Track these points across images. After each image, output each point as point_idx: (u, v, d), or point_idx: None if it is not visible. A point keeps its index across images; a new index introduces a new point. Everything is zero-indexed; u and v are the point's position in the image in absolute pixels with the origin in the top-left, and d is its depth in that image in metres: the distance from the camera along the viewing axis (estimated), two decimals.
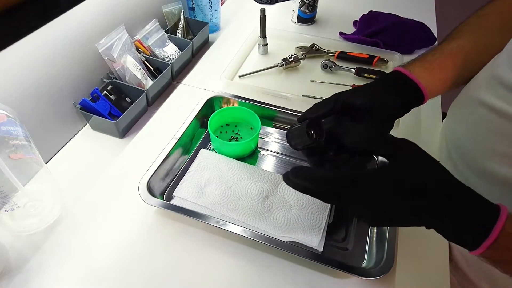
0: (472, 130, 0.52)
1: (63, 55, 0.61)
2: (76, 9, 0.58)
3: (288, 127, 0.71)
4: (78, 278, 0.49)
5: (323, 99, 0.47)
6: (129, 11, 0.76)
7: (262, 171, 0.61)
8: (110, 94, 0.69)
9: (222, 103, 0.73)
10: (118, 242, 0.53)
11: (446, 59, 0.51)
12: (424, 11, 1.06)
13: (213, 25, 0.96)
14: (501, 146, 0.47)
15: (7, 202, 0.48)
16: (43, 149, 0.54)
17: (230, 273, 0.50)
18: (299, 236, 0.53)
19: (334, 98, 0.46)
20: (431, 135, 0.68)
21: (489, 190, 0.45)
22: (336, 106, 0.45)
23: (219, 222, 0.52)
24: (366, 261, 0.51)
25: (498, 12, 0.55)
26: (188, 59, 0.86)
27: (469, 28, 0.55)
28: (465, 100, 0.56)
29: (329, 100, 0.46)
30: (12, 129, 0.44)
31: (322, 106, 0.46)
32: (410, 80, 0.48)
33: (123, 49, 0.71)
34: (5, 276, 0.48)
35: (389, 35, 0.92)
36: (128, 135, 0.69)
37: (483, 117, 0.49)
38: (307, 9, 0.98)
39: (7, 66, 0.52)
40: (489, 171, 0.49)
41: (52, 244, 0.52)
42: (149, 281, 0.49)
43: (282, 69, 0.84)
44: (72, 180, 0.60)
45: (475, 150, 0.51)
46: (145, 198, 0.54)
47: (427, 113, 0.73)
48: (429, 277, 0.50)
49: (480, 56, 0.53)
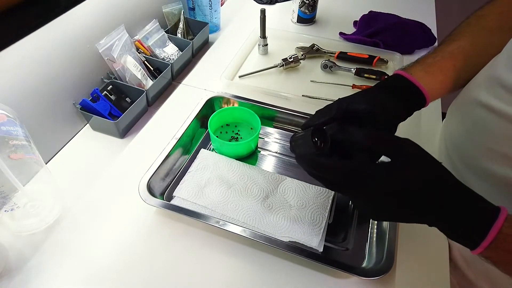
0: (471, 131, 0.52)
1: (63, 55, 0.61)
2: (76, 9, 0.58)
3: (288, 127, 0.72)
4: (78, 278, 0.49)
5: (325, 106, 0.46)
6: (129, 11, 0.76)
7: (262, 171, 0.61)
8: (110, 94, 0.69)
9: (222, 103, 0.73)
10: (118, 242, 0.53)
11: (447, 61, 0.51)
12: (424, 11, 1.06)
13: (213, 25, 0.96)
14: (500, 146, 0.47)
15: (7, 202, 0.48)
16: (43, 149, 0.54)
17: (230, 273, 0.50)
18: (299, 236, 0.53)
19: (336, 104, 0.45)
20: (431, 135, 0.68)
21: (488, 191, 0.45)
22: (338, 112, 0.44)
23: (219, 222, 0.52)
24: (366, 261, 0.51)
25: (498, 12, 0.55)
26: (188, 59, 0.86)
27: (468, 29, 0.55)
28: (464, 100, 0.56)
29: (331, 107, 0.45)
30: (12, 129, 0.44)
31: (324, 112, 0.46)
32: (411, 84, 0.47)
33: (123, 49, 0.71)
34: (5, 276, 0.48)
35: (389, 35, 0.92)
36: (128, 135, 0.69)
37: (482, 118, 0.49)
38: (307, 9, 0.98)
39: (7, 66, 0.52)
40: (488, 171, 0.49)
41: (52, 244, 0.52)
42: (149, 281, 0.49)
43: (282, 69, 0.84)
44: (72, 180, 0.60)
45: (474, 150, 0.51)
46: (145, 198, 0.54)
47: (427, 113, 0.73)
48: (429, 277, 0.50)
49: (480, 57, 0.53)
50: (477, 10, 0.56)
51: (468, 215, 0.34)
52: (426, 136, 0.68)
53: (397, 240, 0.52)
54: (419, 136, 0.68)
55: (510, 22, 0.53)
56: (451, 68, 0.51)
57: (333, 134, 0.43)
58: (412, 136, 0.52)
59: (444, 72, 0.51)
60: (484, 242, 0.33)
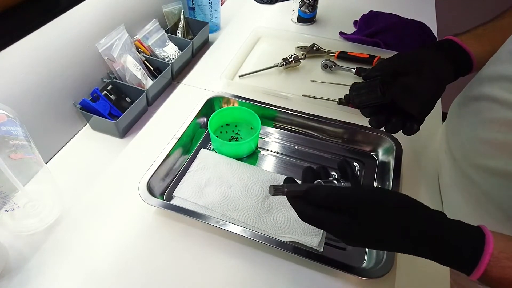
0: (475, 125, 0.51)
1: (63, 55, 0.61)
2: (76, 9, 0.58)
3: (288, 127, 0.71)
4: (78, 278, 0.49)
5: (386, 59, 0.49)
6: (129, 11, 0.76)
7: (262, 171, 0.61)
8: (110, 94, 0.69)
9: (222, 103, 0.73)
10: (118, 242, 0.53)
11: (497, 33, 0.52)
12: (424, 11, 1.06)
13: (213, 25, 0.96)
14: (504, 135, 0.46)
15: (7, 202, 0.48)
16: (43, 149, 0.54)
17: (230, 273, 0.50)
18: (299, 236, 0.53)
19: (397, 58, 0.48)
20: (431, 135, 0.68)
21: (492, 188, 0.45)
22: (393, 67, 0.47)
23: (219, 222, 0.52)
24: (366, 262, 0.51)
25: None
26: (188, 59, 0.86)
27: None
28: (467, 97, 0.55)
29: (392, 58, 0.48)
30: (12, 129, 0.44)
31: (383, 65, 0.48)
32: (461, 48, 0.49)
33: (123, 49, 0.71)
34: (5, 276, 0.48)
35: (389, 35, 0.92)
36: (128, 135, 0.69)
37: (487, 109, 0.49)
38: (307, 9, 0.98)
39: (7, 66, 0.52)
40: (493, 168, 0.48)
41: (52, 244, 0.52)
42: (149, 281, 0.49)
43: (282, 69, 0.84)
44: (72, 180, 0.60)
45: (479, 146, 0.50)
46: (145, 198, 0.54)
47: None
48: (429, 278, 0.50)
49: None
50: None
51: (453, 256, 0.35)
52: (426, 136, 0.68)
53: None
54: (419, 136, 0.68)
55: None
56: (500, 41, 0.51)
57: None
58: (412, 137, 0.52)
59: (492, 44, 0.51)
60: (473, 276, 0.34)
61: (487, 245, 0.33)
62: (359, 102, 0.49)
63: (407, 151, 0.63)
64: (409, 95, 0.46)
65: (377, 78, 0.46)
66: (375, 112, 0.49)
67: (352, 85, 0.50)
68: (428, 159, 0.65)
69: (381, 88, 0.46)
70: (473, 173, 0.50)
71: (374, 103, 0.48)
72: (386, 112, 0.48)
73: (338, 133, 0.68)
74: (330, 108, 0.72)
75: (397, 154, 0.62)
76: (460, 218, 0.36)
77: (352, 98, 0.49)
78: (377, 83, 0.46)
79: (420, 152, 0.66)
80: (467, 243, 0.34)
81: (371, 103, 0.48)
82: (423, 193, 0.61)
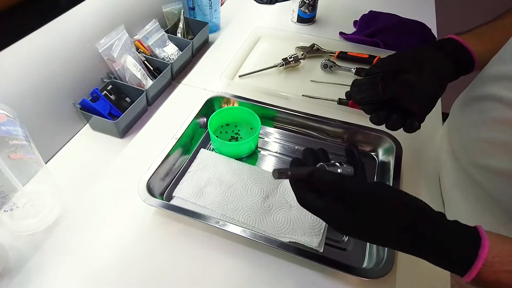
0: (478, 125, 0.51)
1: (63, 55, 0.61)
2: (76, 9, 0.58)
3: (288, 127, 0.71)
4: (78, 278, 0.49)
5: (387, 56, 0.49)
6: (129, 11, 0.76)
7: (262, 171, 0.61)
8: (110, 94, 0.69)
9: (222, 103, 0.73)
10: (117, 242, 0.53)
11: (499, 32, 0.52)
12: (424, 11, 1.06)
13: (213, 25, 0.96)
14: (507, 135, 0.46)
15: (6, 202, 0.48)
16: (43, 149, 0.54)
17: (230, 273, 0.50)
18: (299, 236, 0.53)
19: (399, 55, 0.48)
20: (431, 136, 0.68)
21: (496, 187, 0.44)
22: (394, 64, 0.48)
23: (219, 222, 0.52)
24: (367, 262, 0.51)
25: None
26: (188, 59, 0.86)
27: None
28: (469, 98, 0.55)
29: (393, 56, 0.48)
30: (12, 129, 0.44)
31: (385, 62, 0.48)
32: (463, 47, 0.49)
33: (123, 49, 0.70)
34: (5, 276, 0.48)
35: (389, 35, 0.92)
36: (128, 135, 0.69)
37: (491, 108, 0.48)
38: (307, 9, 0.98)
39: (7, 66, 0.52)
40: (496, 168, 0.48)
41: (52, 244, 0.52)
42: (149, 281, 0.49)
43: (282, 69, 0.84)
44: (72, 180, 0.60)
45: (482, 145, 0.50)
46: (145, 198, 0.54)
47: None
48: (429, 278, 0.50)
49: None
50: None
51: (443, 260, 0.35)
52: (426, 136, 0.68)
53: None
54: (419, 136, 0.68)
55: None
56: (502, 40, 0.51)
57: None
58: (412, 137, 0.52)
59: (494, 43, 0.51)
60: (467, 277, 0.34)
61: (482, 250, 0.33)
62: (360, 98, 0.49)
63: (407, 151, 0.63)
64: (410, 92, 0.46)
65: (378, 74, 0.47)
66: (376, 109, 0.49)
67: (354, 82, 0.50)
68: (428, 159, 0.65)
69: (382, 84, 0.46)
70: (476, 172, 0.50)
71: (375, 99, 0.48)
72: (387, 109, 0.48)
73: (338, 133, 0.69)
74: (330, 108, 0.72)
75: (397, 154, 0.62)
76: (461, 218, 0.36)
77: (353, 94, 0.50)
78: (378, 79, 0.46)
79: (420, 152, 0.66)
80: (461, 246, 0.34)
81: (372, 99, 0.48)
82: (423, 193, 0.61)
